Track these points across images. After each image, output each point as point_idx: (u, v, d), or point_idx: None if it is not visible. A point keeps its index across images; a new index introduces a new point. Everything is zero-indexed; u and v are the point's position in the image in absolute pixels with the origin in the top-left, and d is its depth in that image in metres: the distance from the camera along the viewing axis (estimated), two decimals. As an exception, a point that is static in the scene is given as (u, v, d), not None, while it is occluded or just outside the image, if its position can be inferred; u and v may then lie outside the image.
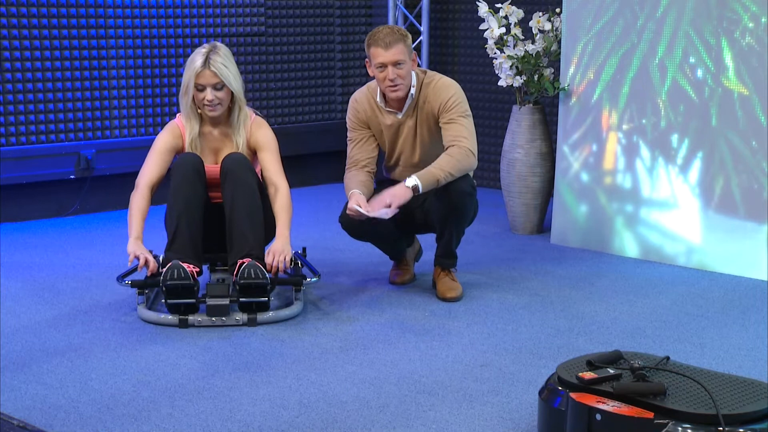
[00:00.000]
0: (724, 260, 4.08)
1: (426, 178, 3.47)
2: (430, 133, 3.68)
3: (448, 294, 3.70)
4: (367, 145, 3.74)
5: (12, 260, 4.22)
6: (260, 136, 3.58)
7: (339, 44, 5.91)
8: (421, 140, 3.69)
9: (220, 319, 3.37)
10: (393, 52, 3.51)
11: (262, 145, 3.57)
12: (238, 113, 3.55)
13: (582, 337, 3.29)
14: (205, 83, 3.44)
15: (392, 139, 3.72)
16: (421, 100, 3.65)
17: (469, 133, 3.59)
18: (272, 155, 3.57)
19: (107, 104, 5.07)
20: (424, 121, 3.67)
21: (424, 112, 3.65)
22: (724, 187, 4.06)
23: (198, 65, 3.43)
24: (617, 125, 4.34)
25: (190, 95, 3.48)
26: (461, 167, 3.53)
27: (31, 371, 2.97)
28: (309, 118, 5.84)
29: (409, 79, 3.60)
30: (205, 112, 3.51)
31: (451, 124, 3.59)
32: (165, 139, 3.57)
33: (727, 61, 3.99)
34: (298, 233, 4.54)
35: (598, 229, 4.43)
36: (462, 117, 3.60)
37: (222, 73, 3.43)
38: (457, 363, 3.06)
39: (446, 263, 3.78)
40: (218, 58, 3.44)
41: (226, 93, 3.48)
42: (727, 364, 3.03)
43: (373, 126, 3.73)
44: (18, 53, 4.77)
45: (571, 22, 4.42)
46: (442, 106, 3.61)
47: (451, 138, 3.57)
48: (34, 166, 4.84)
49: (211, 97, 3.44)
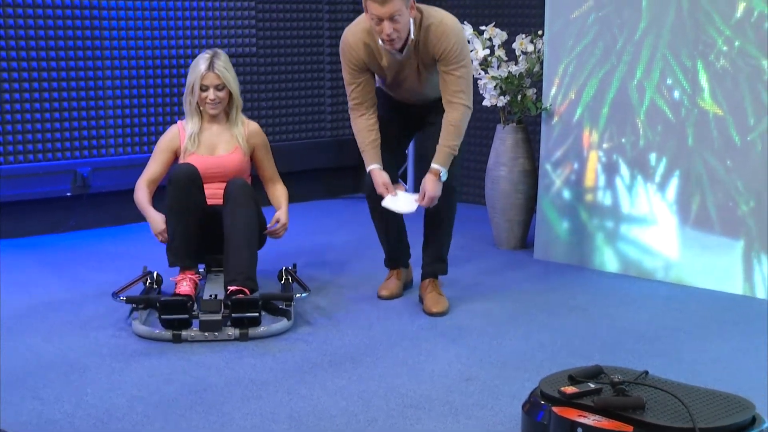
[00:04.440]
0: (700, 275, 4.09)
1: (444, 159, 3.55)
2: (432, 68, 3.61)
3: (434, 309, 3.68)
4: (367, 85, 3.67)
5: (9, 276, 4.20)
6: (259, 138, 3.89)
7: (328, 64, 5.92)
8: (424, 74, 3.63)
9: (213, 334, 3.35)
10: (390, 7, 3.35)
11: (261, 146, 3.89)
12: (235, 113, 3.83)
13: (564, 351, 3.29)
14: (208, 84, 3.72)
15: (394, 74, 3.65)
16: (422, 42, 3.53)
17: (465, 85, 3.56)
18: (270, 158, 3.93)
19: (102, 123, 5.06)
20: (425, 59, 3.58)
21: (424, 52, 3.57)
22: (701, 204, 4.07)
23: (202, 68, 3.72)
24: (598, 144, 4.36)
25: (195, 95, 3.76)
26: (463, 128, 3.59)
27: (27, 386, 2.95)
28: (299, 135, 5.85)
29: (406, 29, 3.45)
30: (207, 110, 3.78)
31: (448, 76, 3.54)
32: (164, 140, 3.86)
33: (702, 83, 4.01)
34: (288, 249, 4.55)
35: (580, 245, 4.44)
36: (459, 68, 3.52)
37: (223, 76, 3.73)
38: (443, 377, 3.05)
39: (438, 268, 3.77)
40: (220, 63, 3.74)
41: (226, 93, 3.77)
42: (705, 377, 3.04)
43: (371, 64, 3.62)
44: (16, 74, 4.76)
45: (553, 44, 4.44)
46: (441, 56, 3.52)
47: (449, 95, 3.55)
48: (31, 183, 4.82)
49: (213, 96, 3.73)
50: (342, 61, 3.67)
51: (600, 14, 4.27)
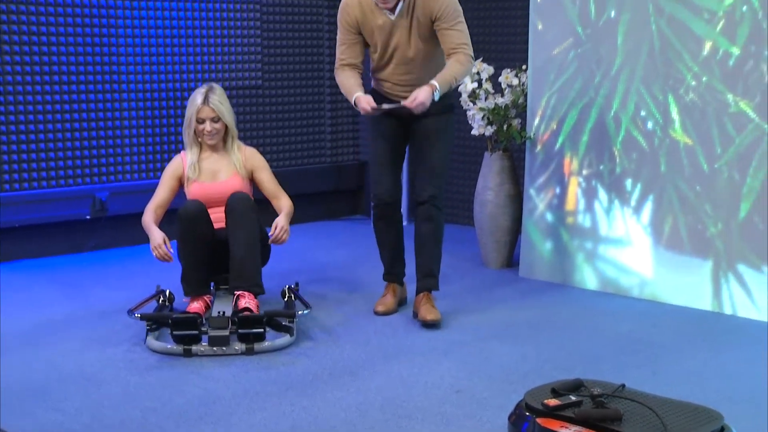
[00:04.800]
0: (673, 292, 4.10)
1: (443, 80, 3.56)
2: (423, 31, 3.64)
3: (428, 317, 3.66)
4: (356, 47, 3.72)
5: (32, 294, 4.20)
6: (256, 160, 3.87)
7: (329, 95, 5.94)
8: (416, 37, 3.64)
9: (221, 348, 3.35)
10: None
11: (259, 166, 3.87)
12: (231, 141, 3.83)
13: (548, 364, 3.29)
14: (204, 117, 3.74)
15: (386, 37, 3.66)
16: (416, 3, 3.59)
17: (466, 37, 3.63)
18: (269, 174, 3.88)
19: (119, 151, 5.07)
20: (418, 21, 3.62)
21: (417, 13, 3.61)
22: (673, 226, 4.09)
23: (198, 102, 3.73)
24: (578, 170, 4.37)
25: (192, 128, 3.77)
26: (466, 71, 3.64)
27: (49, 398, 2.95)
28: (301, 161, 5.86)
29: None
30: (205, 141, 3.80)
31: (449, 31, 3.59)
32: (168, 169, 3.86)
33: (673, 115, 4.04)
34: (290, 267, 4.55)
35: (562, 264, 4.45)
36: (458, 23, 3.61)
37: (218, 109, 3.73)
38: (435, 388, 3.05)
39: (429, 283, 3.78)
40: (215, 96, 3.74)
41: (222, 125, 3.77)
42: (678, 389, 3.03)
43: (365, 26, 3.66)
44: (41, 106, 4.77)
45: (536, 78, 4.46)
46: (437, 15, 3.58)
47: (453, 45, 3.59)
48: (53, 207, 4.82)
49: (210, 128, 3.74)
50: (338, 20, 3.72)
51: (579, 51, 4.30)
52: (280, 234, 3.68)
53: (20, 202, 4.71)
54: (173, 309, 3.79)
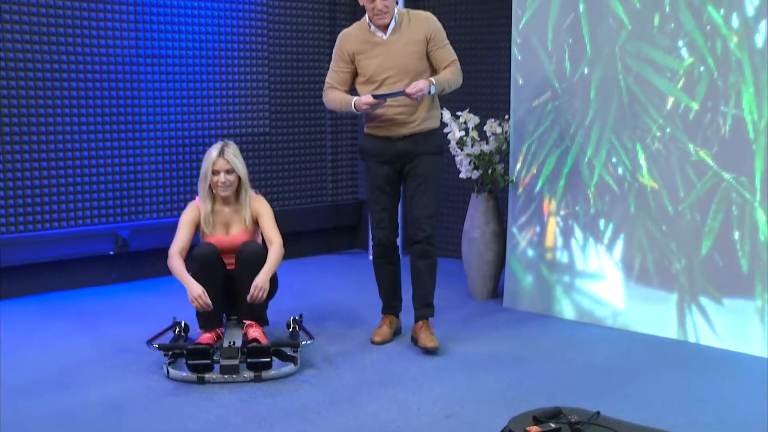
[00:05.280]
0: (642, 322, 4.10)
1: (438, 78, 3.64)
2: (414, 48, 3.70)
3: (429, 344, 3.68)
4: (345, 77, 3.76)
5: (60, 324, 4.18)
6: (261, 209, 3.77)
7: (330, 141, 5.97)
8: (407, 53, 3.69)
9: (231, 376, 3.34)
10: None
11: (261, 214, 3.76)
12: (244, 194, 3.73)
13: (530, 391, 3.27)
14: (219, 169, 3.66)
15: (383, 54, 3.69)
16: (403, 23, 3.70)
17: (455, 55, 3.76)
18: (269, 221, 3.75)
19: (140, 193, 5.08)
20: (407, 38, 3.70)
21: (408, 32, 3.70)
22: (642, 262, 4.10)
23: (214, 156, 3.68)
24: (556, 211, 4.39)
25: (207, 180, 3.69)
26: (458, 79, 3.73)
27: (73, 424, 2.93)
28: (304, 201, 5.87)
29: (392, 9, 3.67)
30: (219, 192, 3.70)
31: (441, 50, 3.71)
32: (187, 215, 3.76)
33: (641, 162, 4.06)
34: (296, 300, 4.54)
35: (542, 296, 4.45)
36: (447, 43, 3.75)
37: (232, 161, 3.67)
38: (428, 414, 3.04)
39: (426, 312, 3.81)
40: (230, 150, 3.69)
41: (235, 177, 3.69)
42: (647, 413, 3.03)
43: (360, 54, 3.70)
44: (69, 153, 4.79)
45: (518, 127, 4.50)
46: (430, 35, 3.70)
47: (447, 61, 3.71)
48: (79, 244, 4.82)
49: (224, 179, 3.66)
50: (335, 49, 3.78)
51: (556, 103, 4.33)
52: (256, 293, 3.54)
53: (50, 240, 4.71)
54: (188, 339, 3.77)
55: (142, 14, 4.97)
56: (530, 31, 4.38)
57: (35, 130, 4.67)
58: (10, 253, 4.58)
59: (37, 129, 4.68)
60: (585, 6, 4.17)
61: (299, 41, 5.70)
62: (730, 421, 3.00)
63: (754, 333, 3.76)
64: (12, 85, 4.58)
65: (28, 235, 4.66)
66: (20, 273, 4.68)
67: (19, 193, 4.64)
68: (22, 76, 4.61)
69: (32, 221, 4.69)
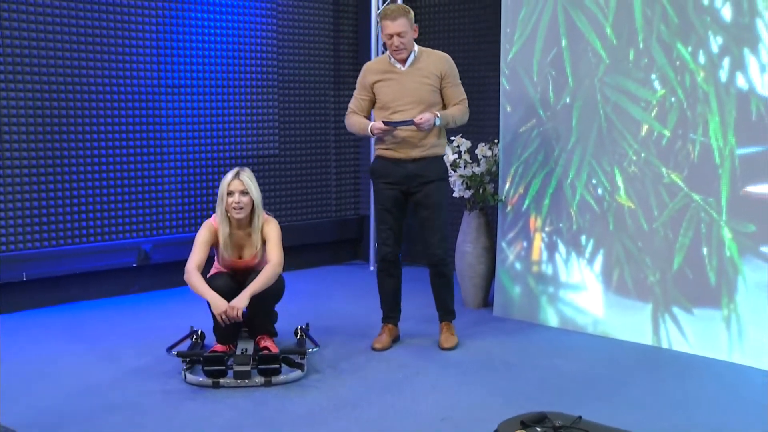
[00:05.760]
0: (620, 329, 4.08)
1: (444, 113, 3.72)
2: (428, 82, 3.73)
3: (445, 344, 3.83)
4: (365, 104, 3.82)
5: (86, 331, 4.16)
6: (268, 231, 3.64)
7: (334, 161, 5.96)
8: (420, 84, 3.73)
9: (244, 381, 3.32)
10: (397, 24, 3.64)
11: (268, 237, 3.64)
12: (257, 219, 3.61)
13: (519, 395, 3.25)
14: (234, 189, 3.56)
15: (399, 84, 3.73)
16: (421, 59, 3.75)
17: (464, 94, 3.82)
18: (274, 241, 3.62)
19: (161, 210, 5.07)
20: (423, 71, 3.74)
21: (424, 68, 3.74)
22: (620, 275, 4.08)
23: (230, 178, 3.59)
24: (541, 228, 4.37)
25: (224, 203, 3.58)
26: (463, 117, 3.81)
27: (96, 425, 2.90)
28: (310, 216, 5.85)
29: (410, 45, 3.71)
30: (233, 215, 3.57)
31: (453, 88, 3.77)
32: (204, 234, 3.63)
33: (619, 183, 4.05)
34: (303, 308, 4.52)
35: (529, 305, 4.43)
36: (459, 83, 3.81)
37: (246, 183, 3.58)
38: (424, 417, 3.02)
39: (447, 317, 3.94)
40: (245, 174, 3.61)
41: (249, 200, 3.57)
42: (627, 416, 3.01)
43: (380, 83, 3.75)
44: (97, 175, 4.78)
45: (506, 151, 4.49)
46: (445, 73, 3.75)
47: (457, 99, 3.78)
48: (105, 257, 4.80)
49: (238, 199, 3.54)
50: (359, 78, 3.84)
51: (541, 129, 4.33)
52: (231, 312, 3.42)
53: (78, 254, 4.70)
54: (204, 346, 3.75)
55: (164, 48, 4.98)
56: (517, 64, 4.38)
57: (66, 154, 4.67)
58: (41, 266, 4.57)
59: (68, 153, 4.68)
60: (567, 42, 4.17)
61: (306, 71, 5.70)
62: (700, 423, 2.97)
63: (721, 339, 3.74)
64: (46, 114, 4.58)
65: (58, 249, 4.64)
66: (50, 284, 4.67)
67: (51, 211, 4.63)
68: (56, 106, 4.60)
69: (63, 236, 4.68)
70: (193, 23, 5.10)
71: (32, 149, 4.54)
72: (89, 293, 4.81)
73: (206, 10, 5.15)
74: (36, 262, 4.55)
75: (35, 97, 4.53)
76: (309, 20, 5.69)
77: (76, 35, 4.64)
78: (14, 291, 4.51)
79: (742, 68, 3.61)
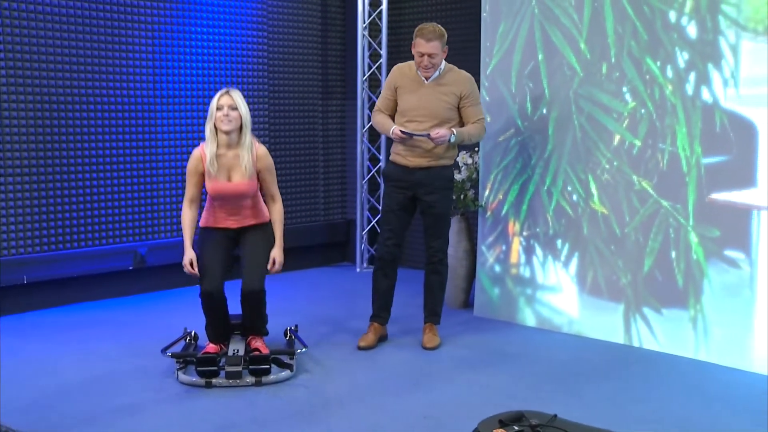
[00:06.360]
0: (594, 329, 4.11)
1: (460, 130, 3.72)
2: (448, 99, 3.75)
3: (428, 344, 3.83)
4: (389, 103, 3.83)
5: (84, 332, 4.14)
6: (264, 163, 3.53)
7: (322, 168, 5.96)
8: (440, 101, 3.75)
9: (236, 381, 3.32)
10: (430, 46, 3.66)
11: (265, 169, 3.53)
12: (245, 136, 3.45)
13: (497, 393, 3.27)
14: (223, 104, 3.42)
15: (417, 96, 3.75)
16: (445, 76, 3.77)
17: (482, 113, 3.85)
18: (272, 177, 3.56)
19: (156, 215, 5.04)
20: (444, 89, 3.76)
21: (447, 85, 3.76)
22: (593, 277, 4.11)
23: (220, 94, 3.45)
24: (519, 232, 4.40)
25: (212, 119, 3.43)
26: (479, 134, 3.82)
27: (96, 424, 2.89)
28: (299, 220, 5.85)
29: (438, 65, 3.74)
30: (221, 127, 3.42)
31: (472, 107, 3.78)
32: (190, 165, 3.51)
33: (593, 190, 4.09)
34: (292, 309, 4.51)
35: (507, 305, 4.45)
36: (479, 103, 3.83)
37: (235, 99, 3.43)
38: (407, 414, 3.03)
39: (432, 320, 3.93)
40: (234, 92, 3.46)
41: (237, 115, 3.42)
42: (599, 411, 3.04)
43: (401, 89, 3.78)
44: (95, 182, 4.76)
45: (486, 159, 4.51)
46: (466, 93, 3.76)
47: (475, 118, 3.78)
48: (102, 261, 4.78)
49: (227, 112, 3.40)
50: (388, 77, 3.88)
51: (519, 139, 4.35)
52: (278, 269, 3.52)
53: (77, 258, 4.67)
54: (197, 347, 3.74)
55: (159, 54, 4.96)
56: (496, 77, 4.40)
57: (65, 162, 4.65)
58: (42, 269, 4.55)
59: (67, 161, 4.65)
60: (543, 55, 4.20)
61: (295, 81, 5.70)
62: (666, 417, 3.01)
63: (688, 338, 3.78)
64: (45, 116, 4.55)
65: (57, 253, 4.62)
66: (49, 287, 4.64)
67: (51, 217, 4.61)
68: (54, 113, 4.58)
69: (62, 241, 4.66)
70: (187, 35, 5.08)
71: (32, 157, 4.51)
72: (87, 295, 4.79)
73: (199, 23, 5.13)
74: (36, 265, 4.52)
75: (34, 105, 4.50)
76: (298, 32, 5.69)
77: (75, 41, 4.62)
78: (15, 294, 4.49)
79: (707, 82, 3.66)
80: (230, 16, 5.28)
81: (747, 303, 3.60)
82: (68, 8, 4.59)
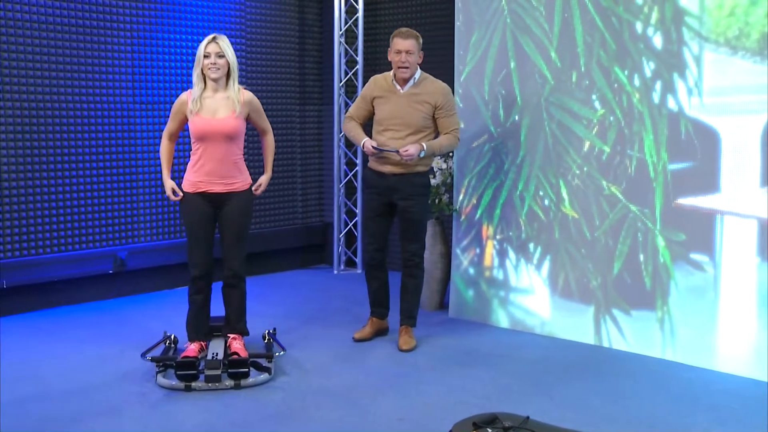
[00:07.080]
0: (565, 330, 4.14)
1: (430, 144, 3.74)
2: (422, 109, 3.76)
3: (404, 347, 3.83)
4: (363, 112, 3.85)
5: (65, 335, 4.08)
6: (253, 105, 3.53)
7: (300, 172, 5.93)
8: (414, 110, 3.76)
9: (215, 384, 3.29)
10: (407, 43, 3.71)
11: (254, 111, 3.55)
12: (232, 81, 3.44)
13: (471, 394, 3.27)
14: (210, 51, 3.40)
15: (392, 105, 3.77)
16: (420, 85, 3.78)
17: (457, 124, 3.84)
18: (262, 117, 3.60)
19: (136, 219, 4.98)
20: (418, 98, 3.77)
21: (420, 93, 3.77)
22: (565, 280, 4.13)
23: (207, 40, 3.42)
24: (493, 236, 4.41)
25: (200, 65, 3.42)
26: (451, 146, 3.85)
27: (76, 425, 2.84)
28: (277, 223, 5.81)
29: (414, 67, 3.75)
30: (209, 75, 3.41)
31: (447, 118, 3.79)
32: (176, 104, 3.52)
33: (564, 195, 4.11)
34: (269, 313, 4.48)
35: (481, 307, 4.46)
36: (454, 113, 3.83)
37: (222, 46, 3.40)
38: (383, 416, 3.02)
39: (408, 322, 3.93)
40: (221, 39, 3.42)
41: (225, 62, 3.41)
42: (569, 411, 3.05)
43: (378, 99, 3.79)
44: (75, 187, 4.68)
45: (460, 164, 4.52)
46: (440, 104, 3.76)
47: (448, 129, 3.79)
48: (82, 264, 4.71)
49: (214, 60, 3.38)
50: (364, 87, 3.90)
51: (492, 144, 4.37)
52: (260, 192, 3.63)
53: (57, 261, 4.60)
54: (177, 350, 3.70)
55: (138, 61, 4.90)
56: (470, 84, 4.41)
57: (45, 168, 4.57)
58: (23, 274, 4.46)
59: (46, 166, 4.57)
60: (515, 64, 4.22)
61: (273, 87, 5.67)
62: (633, 416, 3.03)
63: (655, 339, 3.82)
64: (25, 122, 4.47)
65: (37, 258, 4.54)
66: (29, 291, 4.56)
67: (31, 222, 4.52)
68: (34, 115, 4.50)
69: (42, 245, 4.58)
70: (165, 40, 5.03)
71: (11, 163, 4.43)
72: (67, 299, 4.71)
73: (177, 29, 5.08)
74: (15, 270, 4.44)
75: (13, 110, 4.42)
76: (276, 38, 5.66)
77: (52, 47, 4.54)
78: (-7, 298, 4.41)
79: (673, 91, 3.70)
80: (208, 21, 5.23)
81: (711, 304, 3.64)
82: (46, 15, 4.51)
